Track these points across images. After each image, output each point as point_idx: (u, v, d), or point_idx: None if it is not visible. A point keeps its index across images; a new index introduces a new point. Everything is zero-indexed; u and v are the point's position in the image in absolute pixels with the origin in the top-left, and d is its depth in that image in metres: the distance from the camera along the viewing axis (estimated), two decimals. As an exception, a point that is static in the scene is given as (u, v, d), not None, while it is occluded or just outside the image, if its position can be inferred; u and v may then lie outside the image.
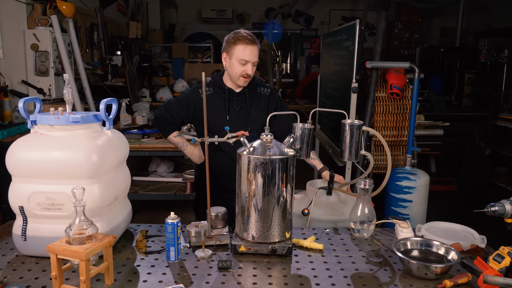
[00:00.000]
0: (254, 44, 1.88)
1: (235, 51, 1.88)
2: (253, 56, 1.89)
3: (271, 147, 1.38)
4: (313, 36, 9.18)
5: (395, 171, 2.85)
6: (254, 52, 1.89)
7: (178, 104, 2.03)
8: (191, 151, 2.06)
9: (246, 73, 1.90)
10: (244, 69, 1.90)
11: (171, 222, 1.37)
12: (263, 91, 2.06)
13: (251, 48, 1.87)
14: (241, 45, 1.87)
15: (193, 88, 2.06)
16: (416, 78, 2.89)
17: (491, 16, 7.19)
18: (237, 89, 2.00)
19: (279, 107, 2.06)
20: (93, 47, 5.19)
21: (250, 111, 1.99)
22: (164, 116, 2.05)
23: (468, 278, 1.24)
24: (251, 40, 1.87)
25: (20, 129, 3.00)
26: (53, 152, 1.29)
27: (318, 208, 1.92)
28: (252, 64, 1.90)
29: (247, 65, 1.89)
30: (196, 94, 2.01)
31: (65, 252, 1.13)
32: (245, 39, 1.87)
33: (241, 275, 1.29)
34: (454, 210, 4.02)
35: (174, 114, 2.03)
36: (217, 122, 1.94)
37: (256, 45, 1.90)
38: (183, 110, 2.02)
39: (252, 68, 1.91)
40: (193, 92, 2.03)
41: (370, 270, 1.34)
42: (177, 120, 2.05)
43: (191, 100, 2.01)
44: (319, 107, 4.64)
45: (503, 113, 4.59)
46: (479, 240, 1.48)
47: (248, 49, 1.87)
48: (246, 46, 1.87)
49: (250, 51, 1.88)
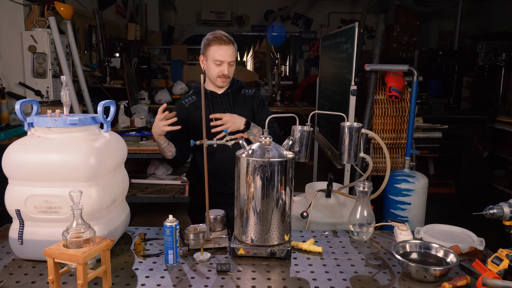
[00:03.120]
0: (228, 44, 1.88)
1: (210, 52, 1.89)
2: (228, 56, 1.88)
3: (270, 150, 1.38)
4: (312, 38, 9.21)
5: (394, 173, 2.85)
6: (228, 52, 1.88)
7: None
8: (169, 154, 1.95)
9: (223, 73, 1.90)
10: (220, 69, 1.90)
11: (169, 225, 1.37)
12: (247, 93, 2.07)
13: (225, 48, 1.87)
14: (215, 45, 1.87)
15: (177, 103, 2.05)
16: (414, 81, 2.90)
17: (489, 20, 7.22)
18: (219, 90, 2.00)
19: (260, 107, 2.05)
20: (91, 49, 5.18)
21: (234, 110, 1.98)
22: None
23: (467, 280, 1.24)
24: (224, 40, 1.87)
25: (17, 132, 2.98)
26: (50, 155, 1.28)
27: (317, 211, 1.91)
28: (228, 64, 1.90)
29: (223, 65, 1.89)
30: (181, 106, 2.01)
31: (62, 255, 1.12)
32: (219, 40, 1.87)
33: (240, 278, 1.29)
34: (453, 213, 4.02)
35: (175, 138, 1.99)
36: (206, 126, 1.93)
37: (231, 45, 1.89)
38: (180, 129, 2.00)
39: (228, 68, 1.91)
40: (178, 106, 2.02)
41: (369, 273, 1.34)
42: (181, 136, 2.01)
43: (180, 114, 1.98)
44: (318, 110, 4.64)
45: (501, 116, 4.61)
46: (477, 242, 1.48)
47: (222, 49, 1.87)
48: (220, 47, 1.87)
49: (224, 51, 1.87)
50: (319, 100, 4.74)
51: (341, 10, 9.05)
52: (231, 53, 1.89)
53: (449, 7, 7.38)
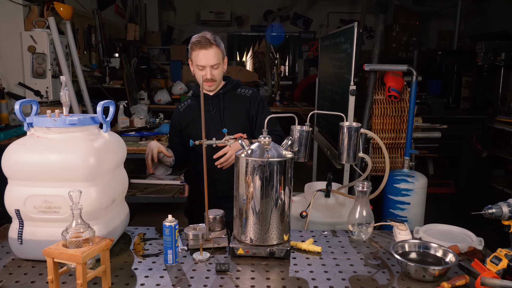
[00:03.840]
0: (208, 47, 1.83)
1: (193, 57, 1.88)
2: (208, 60, 1.85)
3: (269, 150, 1.38)
4: (311, 38, 9.21)
5: (393, 173, 2.85)
6: (209, 56, 1.84)
7: (171, 131, 2.11)
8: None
9: (206, 77, 1.88)
10: (203, 73, 1.87)
11: (168, 225, 1.37)
12: (243, 92, 2.03)
13: (204, 53, 1.84)
14: (196, 50, 1.85)
15: (174, 112, 2.10)
16: (414, 80, 2.90)
17: (488, 20, 7.23)
18: (210, 92, 1.99)
19: (261, 109, 2.02)
20: (91, 49, 5.18)
21: (224, 112, 1.96)
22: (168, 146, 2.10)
23: (465, 280, 1.24)
24: (204, 44, 1.83)
25: (17, 132, 2.98)
26: (50, 155, 1.28)
27: (316, 211, 1.92)
28: (210, 67, 1.87)
29: (205, 70, 1.87)
30: (177, 111, 2.06)
31: (62, 255, 1.12)
32: (198, 44, 1.84)
33: (239, 278, 1.29)
34: (452, 212, 4.03)
35: (174, 137, 2.09)
36: (197, 129, 1.94)
37: (212, 48, 1.84)
38: (175, 133, 2.07)
39: (211, 72, 1.88)
40: (175, 112, 2.08)
41: (368, 272, 1.34)
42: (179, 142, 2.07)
43: (175, 119, 2.05)
44: (317, 110, 4.65)
45: (500, 116, 4.61)
46: (476, 242, 1.48)
47: (201, 54, 1.84)
48: (199, 51, 1.84)
49: (204, 55, 1.84)
50: (319, 100, 4.74)
51: (341, 10, 9.05)
52: (212, 56, 1.85)
53: (448, 7, 7.39)
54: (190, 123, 2.02)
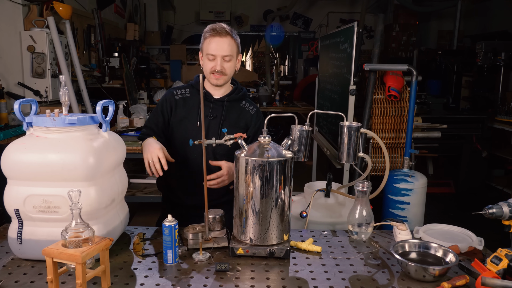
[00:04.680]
0: (222, 36, 1.68)
1: (204, 45, 1.73)
2: (221, 49, 1.68)
3: (269, 149, 1.38)
4: (311, 38, 9.21)
5: (393, 173, 2.85)
6: (222, 45, 1.68)
7: (155, 113, 1.85)
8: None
9: (215, 69, 1.71)
10: (213, 64, 1.71)
11: (168, 224, 1.37)
12: (247, 107, 1.87)
13: (217, 40, 1.68)
14: (209, 38, 1.70)
15: (168, 91, 1.88)
16: (414, 80, 2.90)
17: (488, 19, 7.23)
18: (216, 93, 1.81)
19: (258, 131, 1.75)
20: (90, 49, 5.18)
21: (224, 122, 1.77)
22: (145, 132, 1.84)
23: (466, 280, 1.24)
24: (218, 32, 1.67)
25: (16, 132, 2.98)
26: (49, 155, 1.28)
27: (316, 211, 1.91)
28: (221, 58, 1.70)
29: (216, 60, 1.70)
30: (171, 96, 1.84)
31: (61, 255, 1.12)
32: (212, 31, 1.68)
33: (239, 278, 1.29)
34: (452, 212, 4.03)
35: (153, 124, 1.84)
36: (187, 129, 1.78)
37: (227, 37, 1.68)
38: (160, 117, 1.83)
39: (222, 63, 1.71)
40: (168, 95, 1.86)
41: (368, 272, 1.34)
42: (156, 131, 1.82)
43: (167, 104, 1.82)
44: (317, 110, 4.64)
45: (500, 116, 4.61)
46: (476, 242, 1.48)
47: (214, 42, 1.68)
48: (212, 39, 1.68)
49: (217, 43, 1.68)
50: (318, 100, 4.74)
51: (340, 10, 9.05)
52: (226, 46, 1.69)
53: (448, 6, 7.39)
54: (182, 119, 1.81)
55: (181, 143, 1.80)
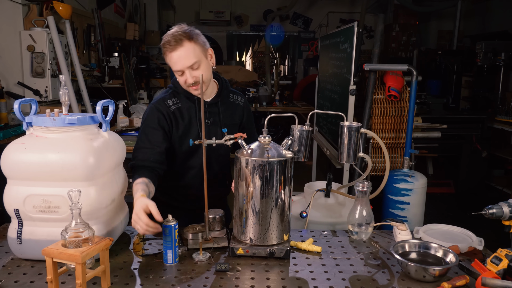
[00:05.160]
0: (179, 47, 1.50)
1: (167, 61, 1.56)
2: (184, 62, 1.52)
3: (269, 149, 1.38)
4: (311, 38, 9.22)
5: (393, 173, 2.85)
6: (183, 57, 1.51)
7: (149, 130, 1.61)
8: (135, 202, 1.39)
9: (188, 82, 1.57)
10: (184, 79, 1.57)
11: (168, 224, 1.36)
12: (236, 100, 1.79)
13: (176, 54, 1.51)
14: (166, 54, 1.54)
15: (158, 103, 1.64)
16: (413, 80, 2.90)
17: (488, 20, 7.23)
18: (205, 97, 1.66)
19: (250, 118, 1.86)
20: (90, 48, 5.18)
21: (222, 123, 1.70)
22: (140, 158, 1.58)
23: (466, 280, 1.24)
24: (172, 44, 1.50)
25: (16, 131, 2.98)
26: (49, 154, 1.28)
27: (316, 211, 1.91)
28: (189, 69, 1.54)
29: (185, 74, 1.55)
30: (163, 106, 1.63)
31: (61, 255, 1.12)
32: (168, 46, 1.52)
33: (239, 278, 1.28)
34: (452, 212, 4.02)
35: (148, 144, 1.60)
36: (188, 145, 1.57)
37: (184, 45, 1.50)
38: (158, 132, 1.61)
39: (192, 74, 1.54)
40: (160, 105, 1.63)
41: (368, 272, 1.33)
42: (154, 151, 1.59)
43: (163, 116, 1.62)
44: (317, 109, 4.64)
45: (500, 116, 4.61)
46: (476, 242, 1.48)
47: (174, 56, 1.52)
48: (170, 54, 1.53)
49: (177, 57, 1.52)
50: (318, 100, 4.74)
51: (340, 9, 9.05)
52: (186, 55, 1.51)
53: (448, 6, 7.39)
54: (186, 132, 1.67)
55: (186, 156, 1.71)
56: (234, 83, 7.06)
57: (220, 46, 9.41)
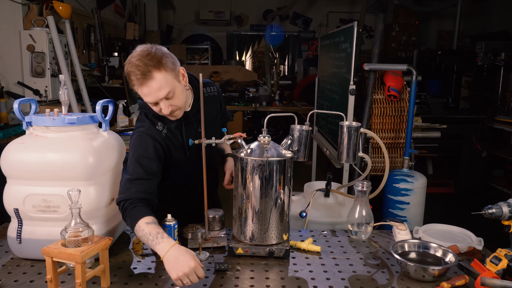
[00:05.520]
0: (147, 81, 1.32)
1: (137, 91, 1.37)
2: (155, 95, 1.35)
3: (268, 149, 1.38)
4: (311, 38, 9.21)
5: (393, 173, 2.85)
6: (154, 90, 1.33)
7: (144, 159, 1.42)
8: (166, 247, 1.24)
9: (163, 113, 1.42)
10: (158, 109, 1.41)
11: (168, 224, 1.37)
12: (209, 92, 1.66)
13: (147, 88, 1.33)
14: (134, 86, 1.36)
15: (148, 129, 1.47)
16: (413, 80, 2.90)
17: (488, 20, 7.23)
18: (186, 108, 1.51)
19: (224, 103, 1.75)
20: (90, 48, 5.18)
21: (209, 127, 1.56)
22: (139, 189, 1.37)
23: (465, 280, 1.24)
24: (140, 78, 1.31)
25: (16, 131, 2.98)
26: (49, 154, 1.28)
27: (316, 210, 1.91)
28: (163, 100, 1.37)
29: (158, 105, 1.39)
30: (155, 133, 1.47)
31: (61, 254, 1.12)
32: (135, 79, 1.33)
33: (239, 278, 1.29)
34: (451, 212, 4.02)
35: (143, 174, 1.40)
36: (182, 159, 1.54)
37: (152, 79, 1.32)
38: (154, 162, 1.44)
39: (166, 104, 1.38)
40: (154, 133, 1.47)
41: (368, 272, 1.34)
42: (151, 182, 1.42)
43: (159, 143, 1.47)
44: (317, 109, 4.64)
45: (500, 116, 4.61)
46: (476, 242, 1.48)
47: (145, 90, 1.34)
48: (140, 88, 1.34)
49: (148, 90, 1.34)
50: (318, 100, 4.73)
51: (340, 9, 9.04)
52: (158, 87, 1.33)
53: (448, 6, 7.38)
54: (177, 153, 1.54)
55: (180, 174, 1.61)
56: (234, 83, 7.06)
57: (220, 46, 9.41)
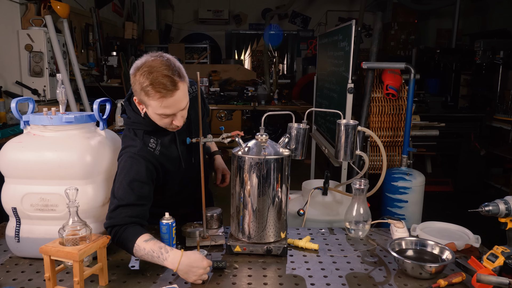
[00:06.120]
0: (175, 91, 1.27)
1: (151, 103, 1.29)
2: (178, 106, 1.31)
3: (266, 147, 1.38)
4: (309, 37, 9.21)
5: (391, 171, 2.86)
6: (178, 100, 1.30)
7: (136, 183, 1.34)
8: (175, 260, 1.22)
9: (174, 126, 1.38)
10: (169, 121, 1.35)
11: (165, 222, 1.37)
12: (193, 91, 1.59)
13: (173, 100, 1.28)
14: (157, 100, 1.27)
15: (141, 150, 1.38)
16: (411, 78, 2.90)
17: (487, 18, 7.23)
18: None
19: (203, 96, 1.57)
20: (88, 47, 5.17)
21: (196, 123, 1.50)
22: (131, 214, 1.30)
23: (462, 277, 1.24)
24: (170, 89, 1.26)
25: (14, 130, 2.98)
26: (46, 153, 1.28)
27: (314, 208, 1.92)
28: (180, 111, 1.34)
29: (174, 116, 1.34)
30: (152, 155, 1.41)
31: (59, 253, 1.13)
32: (161, 90, 1.25)
33: (236, 275, 1.29)
34: (450, 211, 4.03)
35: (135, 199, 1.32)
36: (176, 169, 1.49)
37: (178, 88, 1.28)
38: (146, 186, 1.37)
39: (182, 114, 1.36)
40: (146, 153, 1.39)
41: (365, 269, 1.34)
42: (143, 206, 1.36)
43: (153, 166, 1.40)
44: (315, 108, 4.65)
45: (498, 114, 4.61)
46: (473, 239, 1.49)
47: (170, 102, 1.28)
48: (164, 100, 1.27)
49: (173, 102, 1.29)
50: (317, 98, 4.74)
51: (339, 8, 9.04)
52: (182, 97, 1.31)
53: (447, 5, 7.38)
54: (170, 171, 1.48)
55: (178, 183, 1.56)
56: (233, 82, 7.06)
57: (219, 45, 9.41)
